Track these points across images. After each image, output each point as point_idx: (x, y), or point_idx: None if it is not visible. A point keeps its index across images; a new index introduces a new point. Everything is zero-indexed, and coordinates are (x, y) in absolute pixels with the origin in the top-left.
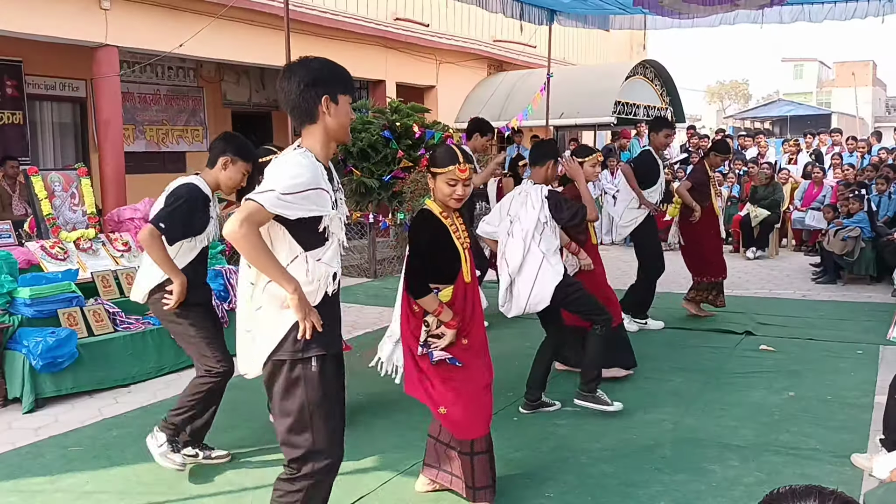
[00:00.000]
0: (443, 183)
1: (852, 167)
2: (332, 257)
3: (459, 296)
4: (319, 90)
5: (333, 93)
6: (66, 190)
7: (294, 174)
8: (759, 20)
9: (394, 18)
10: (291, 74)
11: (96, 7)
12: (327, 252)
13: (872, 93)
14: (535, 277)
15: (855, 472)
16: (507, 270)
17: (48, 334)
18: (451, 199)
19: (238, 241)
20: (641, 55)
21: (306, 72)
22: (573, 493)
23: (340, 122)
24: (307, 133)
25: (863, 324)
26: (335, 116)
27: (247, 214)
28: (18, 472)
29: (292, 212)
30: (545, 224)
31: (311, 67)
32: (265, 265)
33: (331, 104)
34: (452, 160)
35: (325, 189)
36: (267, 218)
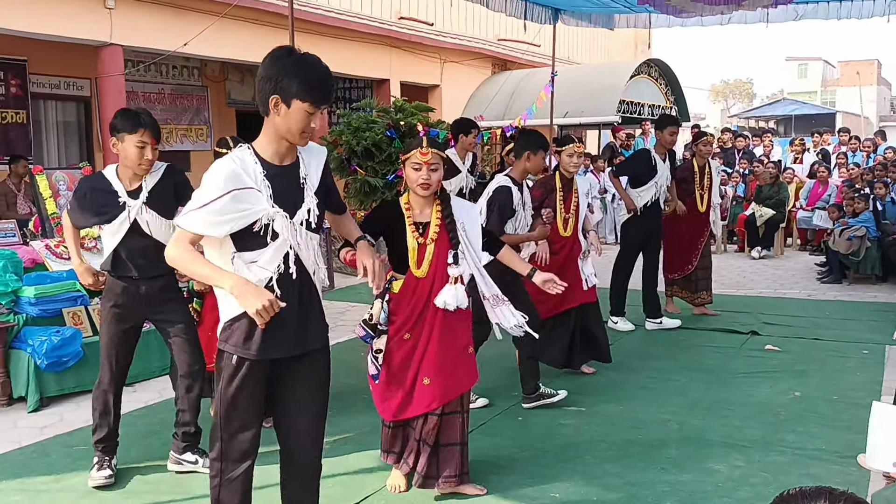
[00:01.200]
0: (409, 169)
1: (857, 166)
2: (269, 262)
3: (407, 290)
4: (271, 87)
5: (286, 96)
6: (71, 189)
7: (207, 186)
8: (763, 19)
9: (398, 17)
10: (263, 60)
11: (101, 6)
12: (266, 254)
13: (877, 92)
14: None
15: (861, 473)
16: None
17: (53, 333)
18: (417, 185)
19: (174, 263)
20: (646, 54)
21: (269, 64)
22: (578, 492)
23: (289, 127)
24: (264, 125)
25: (868, 323)
26: (284, 118)
27: (175, 240)
28: (24, 471)
29: (218, 229)
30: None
31: (274, 61)
32: (202, 276)
33: (281, 105)
34: (416, 145)
35: (253, 187)
36: (196, 238)
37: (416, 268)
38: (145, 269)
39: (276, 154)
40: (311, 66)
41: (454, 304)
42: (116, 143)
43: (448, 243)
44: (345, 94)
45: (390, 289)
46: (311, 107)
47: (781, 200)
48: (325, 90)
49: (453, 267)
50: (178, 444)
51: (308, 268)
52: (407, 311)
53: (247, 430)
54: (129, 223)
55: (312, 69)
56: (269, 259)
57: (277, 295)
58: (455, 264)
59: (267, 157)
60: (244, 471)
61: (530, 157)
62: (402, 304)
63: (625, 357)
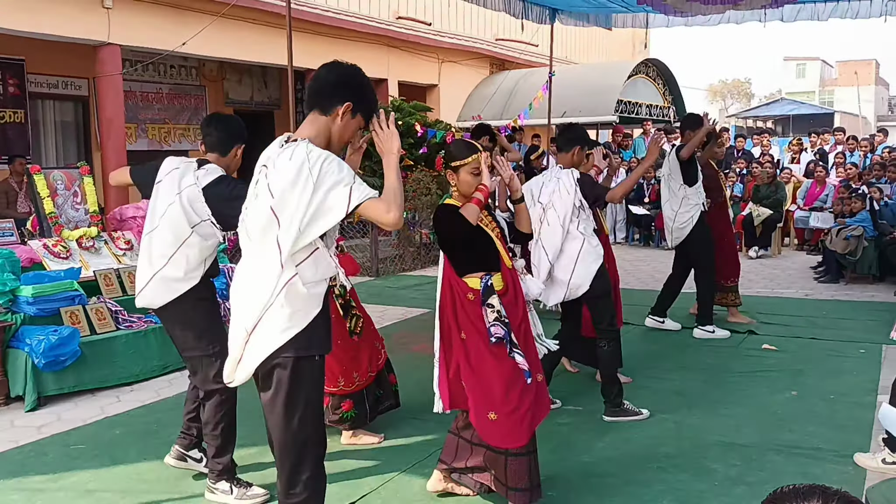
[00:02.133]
0: (467, 175)
1: (855, 166)
2: (331, 256)
3: (508, 280)
4: (349, 95)
5: (357, 107)
6: (69, 188)
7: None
8: (761, 19)
9: (396, 17)
10: (333, 66)
11: (99, 6)
12: (328, 251)
13: (875, 92)
14: (577, 259)
15: (858, 472)
16: (546, 258)
17: (51, 332)
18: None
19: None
20: (644, 54)
21: (351, 73)
22: (575, 491)
23: (342, 134)
24: (311, 121)
25: (865, 323)
26: (344, 125)
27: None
28: (21, 470)
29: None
30: (580, 208)
31: (355, 74)
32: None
33: (348, 114)
34: (472, 150)
35: None
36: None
37: (507, 259)
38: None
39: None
40: (375, 95)
41: (537, 291)
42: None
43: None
44: None
45: (492, 285)
46: (362, 125)
47: (779, 200)
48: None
49: (515, 259)
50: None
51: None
52: (519, 313)
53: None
54: None
55: (376, 98)
56: (331, 255)
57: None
58: (515, 256)
59: None
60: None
61: (578, 153)
62: (510, 301)
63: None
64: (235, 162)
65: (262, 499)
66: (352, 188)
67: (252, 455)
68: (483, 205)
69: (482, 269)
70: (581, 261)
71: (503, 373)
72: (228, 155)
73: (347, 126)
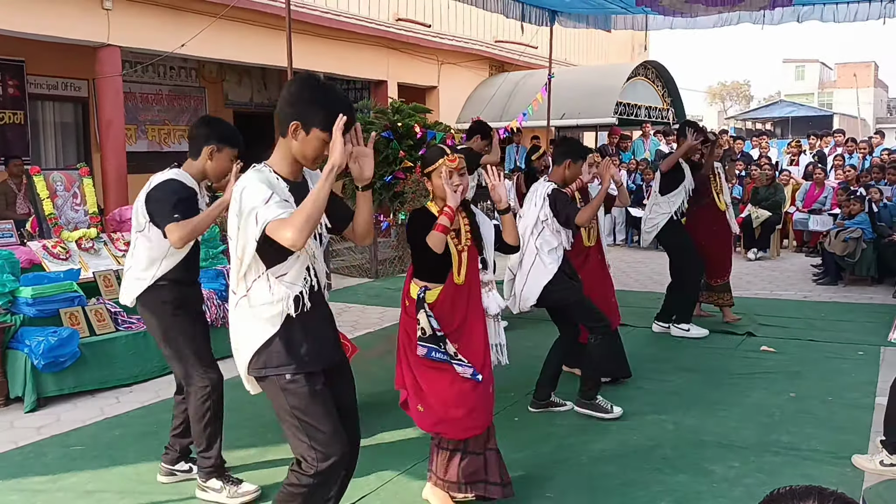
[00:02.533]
0: (437, 179)
1: (854, 168)
2: (296, 276)
3: (447, 297)
4: (294, 112)
5: (308, 124)
6: (69, 190)
7: (253, 191)
8: (759, 21)
9: (395, 19)
10: (288, 84)
11: (98, 7)
12: (292, 269)
13: (874, 94)
14: (528, 273)
15: (856, 473)
16: (508, 265)
17: (50, 334)
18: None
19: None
20: (643, 56)
21: (295, 90)
22: (574, 492)
23: (304, 153)
24: (278, 145)
25: (864, 325)
26: (301, 144)
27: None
28: (20, 471)
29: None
30: (544, 222)
31: (299, 87)
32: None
33: (300, 131)
34: (441, 154)
35: (285, 199)
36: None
37: (458, 275)
38: (197, 271)
39: (290, 173)
40: (335, 99)
41: (496, 309)
42: (214, 152)
43: (476, 250)
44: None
45: (424, 298)
46: (327, 137)
47: (778, 202)
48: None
49: (484, 273)
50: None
51: (321, 281)
52: (456, 321)
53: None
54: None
55: (336, 102)
56: (296, 272)
57: (307, 308)
58: (485, 269)
59: (283, 174)
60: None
61: (570, 166)
62: (445, 312)
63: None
64: (213, 165)
65: (252, 496)
66: (258, 212)
67: (251, 455)
68: (447, 230)
69: (427, 279)
70: (531, 275)
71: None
72: (200, 157)
73: (306, 143)
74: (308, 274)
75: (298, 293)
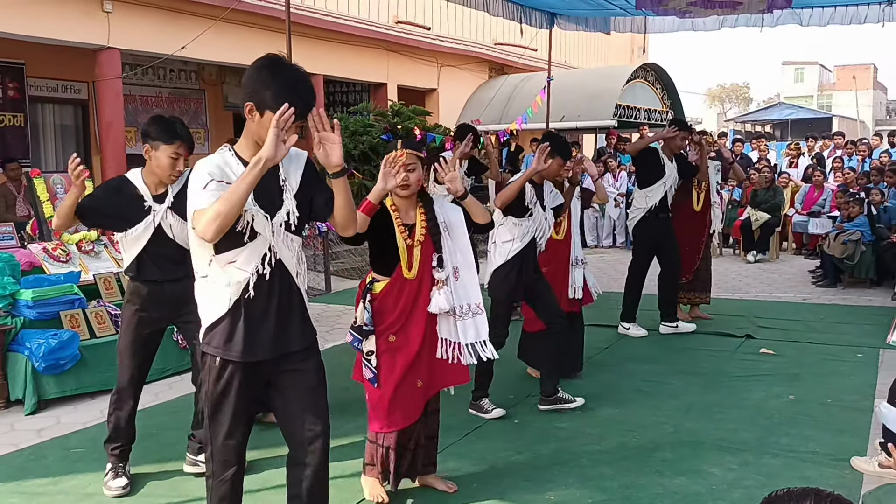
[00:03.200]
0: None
1: (853, 171)
2: (245, 263)
3: (393, 291)
4: (247, 94)
5: (260, 105)
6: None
7: (196, 179)
8: (758, 23)
9: (395, 21)
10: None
11: (98, 10)
12: (240, 256)
13: (873, 96)
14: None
15: (854, 476)
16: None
17: (50, 336)
18: (398, 186)
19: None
20: (642, 58)
21: (249, 72)
22: (574, 495)
23: (260, 134)
24: (245, 127)
25: (863, 327)
26: (257, 125)
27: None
28: (20, 474)
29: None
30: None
31: (253, 69)
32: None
33: (255, 112)
34: (392, 148)
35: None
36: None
37: (408, 270)
38: (169, 271)
39: (252, 156)
40: (287, 79)
41: (447, 307)
42: (150, 151)
43: (433, 246)
44: (342, 97)
45: (372, 290)
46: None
47: (777, 204)
48: (302, 107)
49: (438, 271)
50: (193, 446)
51: (290, 269)
52: (395, 314)
53: (231, 438)
54: (154, 227)
55: (288, 82)
56: (245, 259)
57: (251, 297)
58: (440, 268)
59: (247, 157)
60: (232, 475)
61: (554, 161)
62: (388, 305)
63: (620, 360)
64: (158, 165)
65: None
66: (192, 198)
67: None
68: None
69: (378, 270)
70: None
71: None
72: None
73: (261, 125)
74: (260, 262)
75: (246, 280)
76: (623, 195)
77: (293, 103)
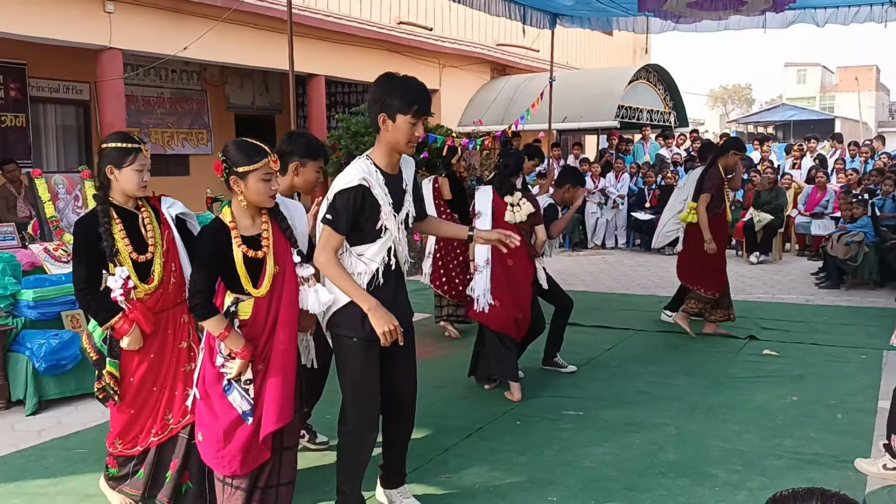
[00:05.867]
0: (257, 181)
1: (856, 172)
2: (376, 253)
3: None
4: (378, 107)
5: (391, 111)
6: (70, 192)
7: (345, 180)
8: (761, 24)
9: (397, 22)
10: (370, 89)
11: (100, 10)
12: (372, 248)
13: (876, 97)
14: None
15: (858, 477)
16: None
17: (51, 336)
18: (269, 196)
19: (322, 269)
20: (644, 59)
21: (374, 88)
22: (576, 497)
23: (396, 138)
24: (377, 141)
25: (866, 328)
26: (391, 132)
27: (323, 243)
28: (21, 475)
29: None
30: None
31: (378, 85)
32: (345, 288)
33: (387, 121)
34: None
35: (380, 190)
36: (340, 240)
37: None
38: None
39: (388, 165)
40: (408, 84)
41: (315, 306)
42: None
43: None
44: (344, 98)
45: (237, 313)
46: (413, 118)
47: (780, 206)
48: (423, 103)
49: (303, 267)
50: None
51: (401, 259)
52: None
53: (374, 398)
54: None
55: (410, 86)
56: (375, 252)
57: (380, 283)
58: (302, 263)
59: (382, 167)
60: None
61: (569, 190)
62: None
63: (623, 362)
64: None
65: None
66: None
67: None
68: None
69: (236, 290)
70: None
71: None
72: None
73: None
74: (387, 254)
75: (374, 270)
76: (623, 196)
77: (419, 102)
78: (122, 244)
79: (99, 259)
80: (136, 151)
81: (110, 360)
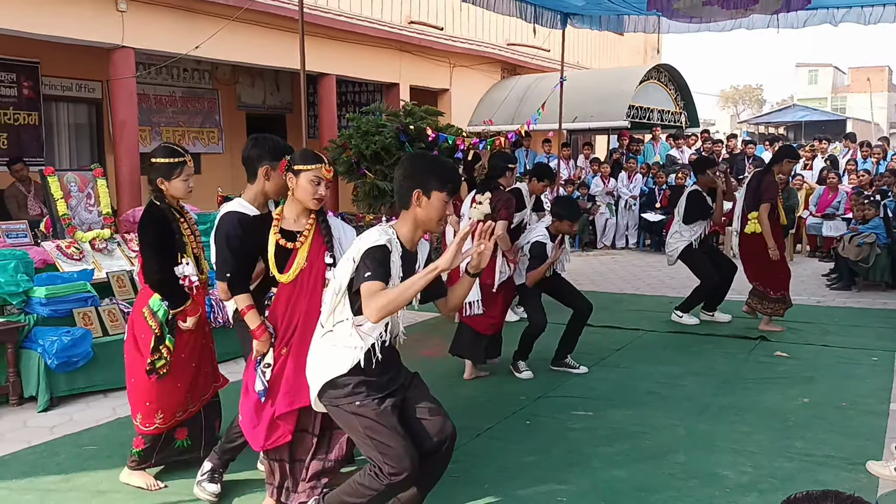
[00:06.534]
0: (305, 182)
1: (868, 173)
2: (372, 329)
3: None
4: (413, 183)
5: (426, 188)
6: (83, 190)
7: (371, 238)
8: (773, 24)
9: (408, 22)
10: (401, 164)
11: (113, 9)
12: (368, 323)
13: (888, 98)
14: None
15: (870, 480)
16: None
17: (63, 334)
18: (314, 198)
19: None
20: (655, 59)
21: (409, 165)
22: (586, 497)
23: (429, 215)
24: (402, 216)
25: (878, 330)
26: (425, 208)
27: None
28: (33, 471)
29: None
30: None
31: (413, 162)
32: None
33: (422, 196)
34: (314, 159)
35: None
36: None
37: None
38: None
39: (409, 241)
40: (444, 164)
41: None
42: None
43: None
44: (354, 97)
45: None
46: (447, 196)
47: (791, 207)
48: (456, 182)
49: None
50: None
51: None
52: (285, 323)
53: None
54: None
55: (445, 165)
56: (372, 327)
57: (378, 359)
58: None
59: (404, 240)
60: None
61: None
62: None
63: (633, 362)
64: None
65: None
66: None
67: None
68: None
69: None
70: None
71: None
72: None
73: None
74: (384, 329)
75: (370, 346)
76: (635, 197)
77: (453, 182)
78: (189, 239)
79: (169, 250)
80: (182, 165)
81: (169, 336)
